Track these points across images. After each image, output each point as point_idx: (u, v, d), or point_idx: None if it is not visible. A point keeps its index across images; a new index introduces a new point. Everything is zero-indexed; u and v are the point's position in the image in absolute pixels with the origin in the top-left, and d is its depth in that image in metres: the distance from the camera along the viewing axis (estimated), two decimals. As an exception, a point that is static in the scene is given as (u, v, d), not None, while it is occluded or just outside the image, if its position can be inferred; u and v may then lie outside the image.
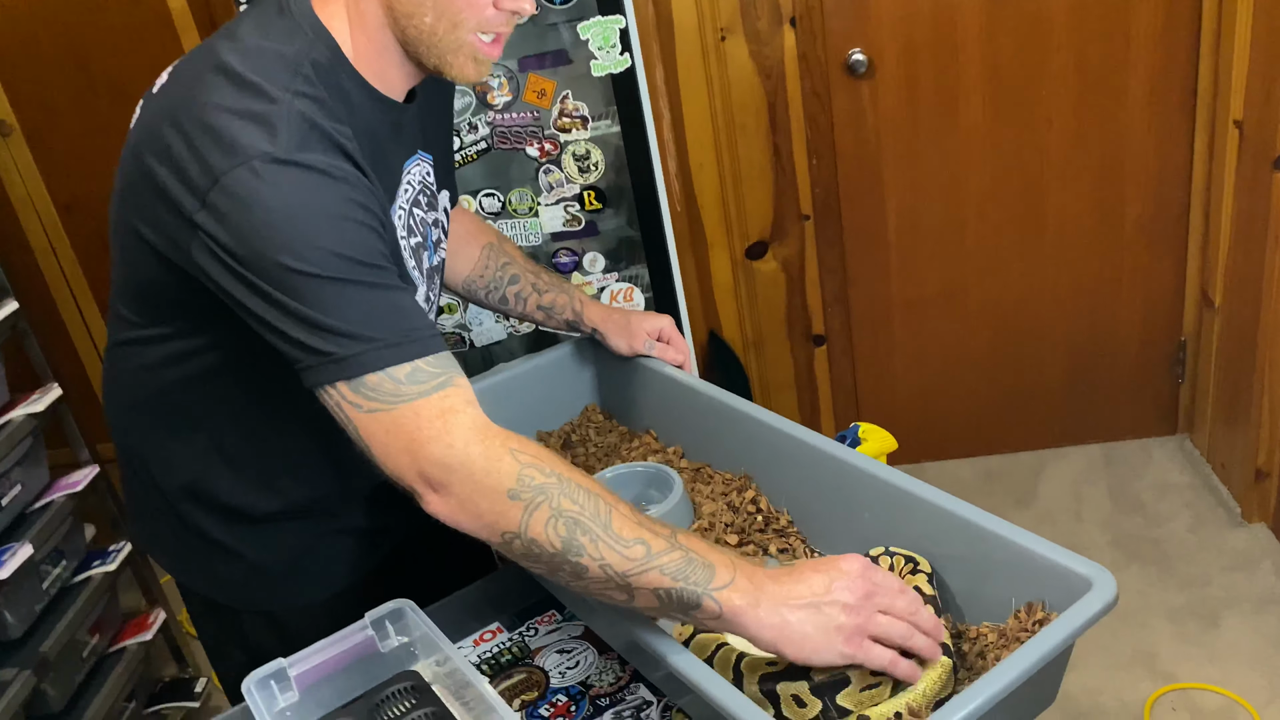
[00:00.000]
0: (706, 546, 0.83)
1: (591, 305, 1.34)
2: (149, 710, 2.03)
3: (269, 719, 0.99)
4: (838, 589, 0.81)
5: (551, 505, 0.81)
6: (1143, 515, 2.35)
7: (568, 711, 1.04)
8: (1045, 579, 0.88)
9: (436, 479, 0.83)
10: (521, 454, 0.83)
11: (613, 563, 0.81)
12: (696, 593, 0.81)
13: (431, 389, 0.85)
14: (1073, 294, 2.45)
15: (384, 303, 0.86)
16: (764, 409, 1.16)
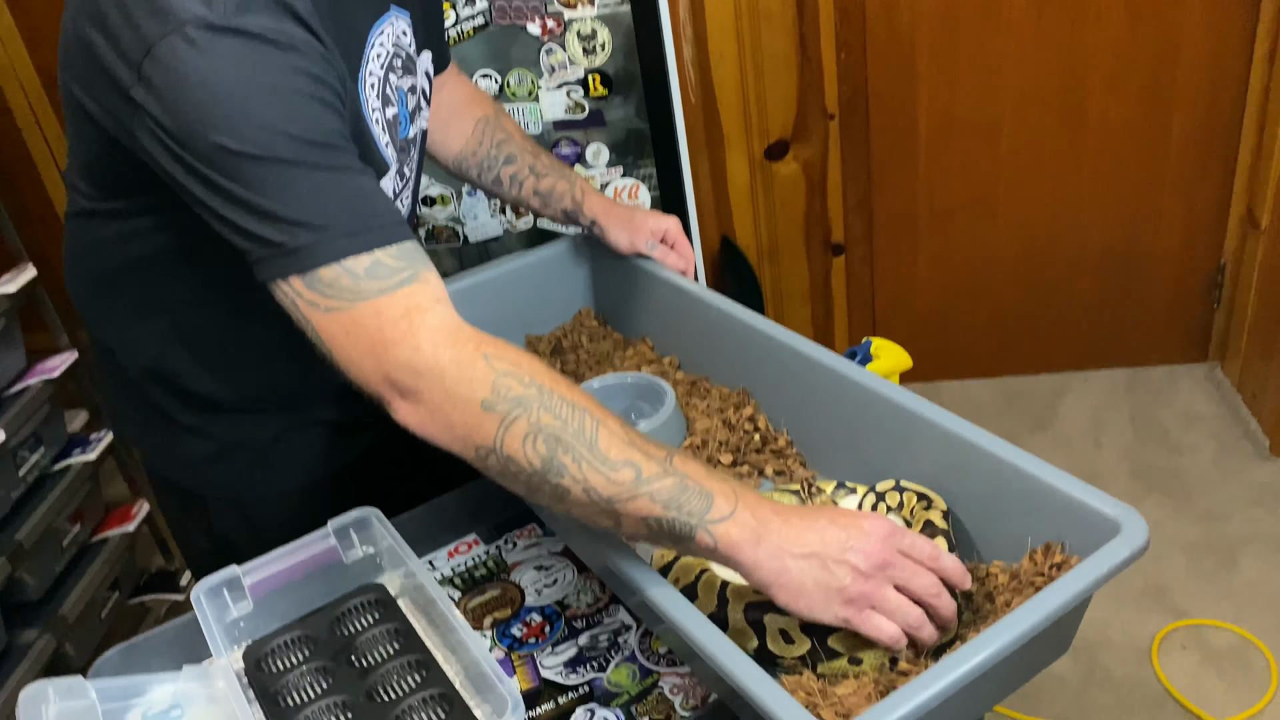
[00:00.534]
0: (706, 472, 0.75)
1: (594, 195, 1.23)
2: (133, 601, 2.01)
3: (217, 629, 0.92)
4: (853, 550, 0.73)
5: (530, 419, 0.73)
6: (1165, 444, 2.26)
7: (541, 632, 0.97)
8: (1067, 518, 0.79)
9: (404, 384, 0.75)
10: (497, 360, 0.75)
11: (597, 486, 0.73)
12: (690, 524, 0.73)
13: (394, 285, 0.76)
14: (1109, 207, 2.32)
15: (338, 187, 0.77)
16: (766, 319, 1.07)
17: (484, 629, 0.99)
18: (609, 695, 0.90)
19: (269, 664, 0.94)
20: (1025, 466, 0.82)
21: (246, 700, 0.91)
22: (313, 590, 1.00)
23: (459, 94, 1.22)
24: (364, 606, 0.99)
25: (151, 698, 0.95)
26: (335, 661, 0.93)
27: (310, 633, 0.96)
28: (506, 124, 1.24)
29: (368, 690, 0.89)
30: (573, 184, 1.22)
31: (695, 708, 0.87)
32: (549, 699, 0.90)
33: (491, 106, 1.24)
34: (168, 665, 0.98)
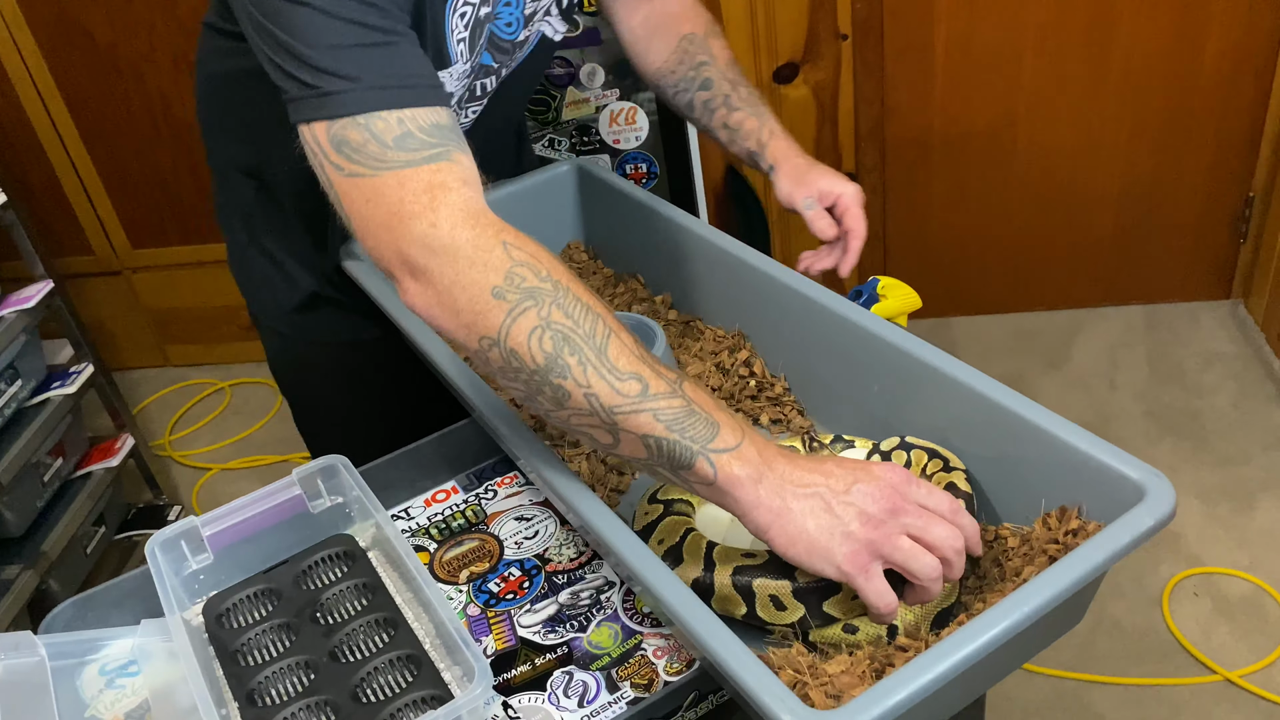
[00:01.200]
0: (715, 403, 0.71)
1: (781, 140, 1.11)
2: (120, 536, 1.97)
3: (175, 584, 0.87)
4: (860, 491, 0.67)
5: (540, 313, 0.69)
6: (1182, 385, 2.18)
7: (520, 588, 0.92)
8: (1085, 480, 0.73)
9: (416, 262, 0.72)
10: (516, 249, 0.71)
11: (600, 394, 0.69)
12: (692, 450, 0.68)
13: (422, 159, 0.72)
14: (1134, 137, 2.21)
15: (375, 44, 0.74)
16: (763, 256, 0.99)
17: (460, 583, 0.93)
18: (589, 657, 0.84)
19: (230, 619, 0.89)
20: (1041, 422, 0.75)
21: (207, 657, 0.86)
22: (278, 541, 0.95)
23: (668, 6, 1.16)
24: (331, 559, 0.93)
25: (107, 654, 0.90)
26: (299, 618, 0.88)
27: (274, 586, 0.91)
28: (714, 45, 1.14)
29: (331, 649, 0.84)
30: (763, 123, 1.11)
31: (680, 672, 0.82)
32: (525, 660, 0.85)
33: (703, 24, 1.15)
34: (126, 619, 0.93)
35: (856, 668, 0.65)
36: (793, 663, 0.65)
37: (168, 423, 2.53)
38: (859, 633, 0.72)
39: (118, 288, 2.63)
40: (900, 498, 0.67)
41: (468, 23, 0.91)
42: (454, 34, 0.91)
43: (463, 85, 0.97)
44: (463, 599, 0.92)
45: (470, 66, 0.95)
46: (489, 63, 1.01)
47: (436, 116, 0.75)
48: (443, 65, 0.92)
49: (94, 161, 2.45)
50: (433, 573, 0.94)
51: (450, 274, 0.71)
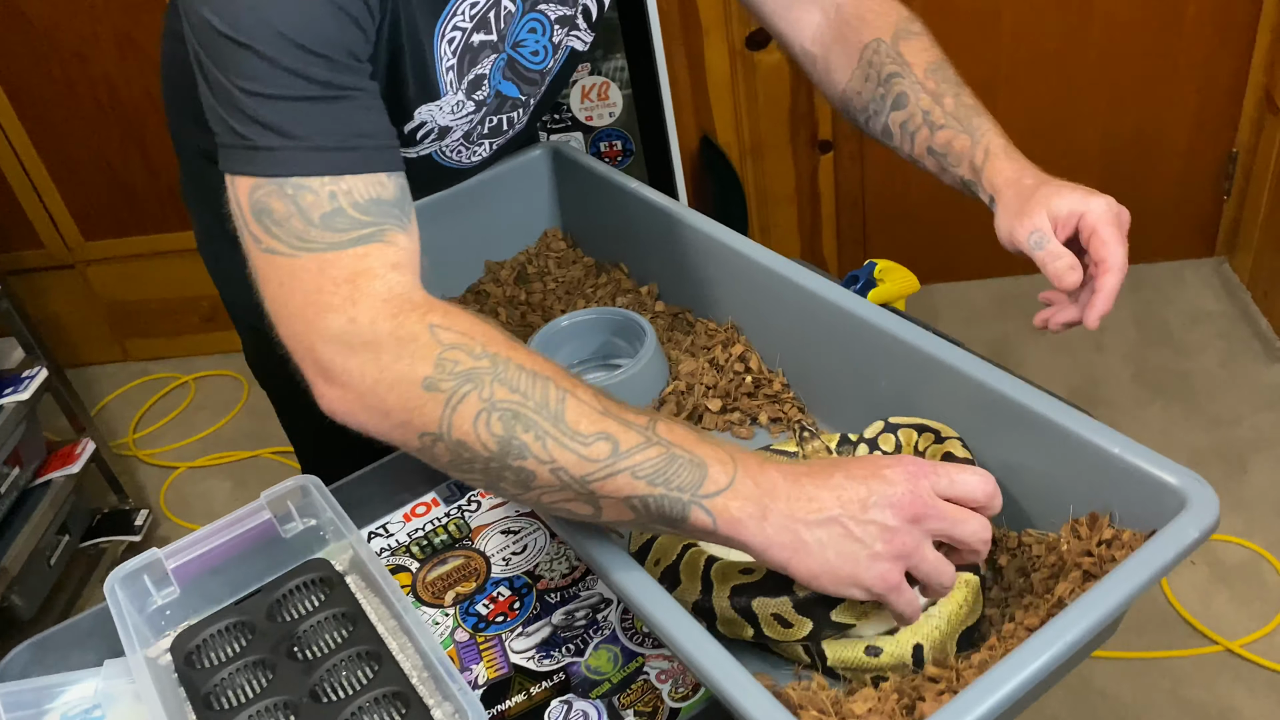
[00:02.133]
0: (696, 437, 0.64)
1: (1000, 160, 0.87)
2: (86, 543, 1.90)
3: (135, 621, 0.81)
4: (877, 505, 0.61)
5: (482, 395, 0.62)
6: (1170, 346, 2.15)
7: (510, 609, 0.86)
8: (1116, 484, 0.68)
9: (334, 365, 0.65)
10: (445, 331, 0.64)
11: (568, 465, 0.62)
12: (682, 500, 0.62)
13: (349, 241, 0.65)
14: (1115, 93, 2.16)
15: (317, 99, 0.67)
16: (757, 245, 0.93)
17: (446, 605, 0.88)
18: (588, 684, 0.79)
19: (200, 658, 0.83)
20: (1068, 424, 0.70)
21: (178, 700, 0.80)
22: (249, 568, 0.89)
23: (844, 11, 0.95)
24: (307, 587, 0.87)
25: (68, 699, 0.84)
26: (275, 654, 0.82)
27: (247, 619, 0.85)
28: (908, 49, 0.91)
29: (312, 688, 0.78)
30: (976, 141, 0.87)
31: (685, 697, 0.76)
32: (520, 689, 0.80)
33: (890, 23, 0.93)
34: (89, 659, 0.87)
35: (885, 704, 0.60)
36: (815, 701, 0.60)
37: (130, 420, 2.44)
38: (883, 654, 0.67)
39: (71, 282, 2.52)
40: (921, 503, 0.61)
41: (456, 49, 0.84)
42: (442, 62, 0.83)
43: (464, 120, 0.89)
44: (450, 623, 0.86)
45: (467, 98, 0.87)
46: (514, 94, 0.93)
47: (377, 188, 0.68)
48: (430, 98, 0.85)
49: (38, 151, 2.34)
50: (416, 595, 0.89)
51: (373, 373, 0.64)
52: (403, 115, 0.86)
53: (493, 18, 0.84)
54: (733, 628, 0.72)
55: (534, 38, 0.90)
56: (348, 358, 0.64)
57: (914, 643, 0.67)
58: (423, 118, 0.87)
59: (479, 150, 0.97)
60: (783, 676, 0.71)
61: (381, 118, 0.71)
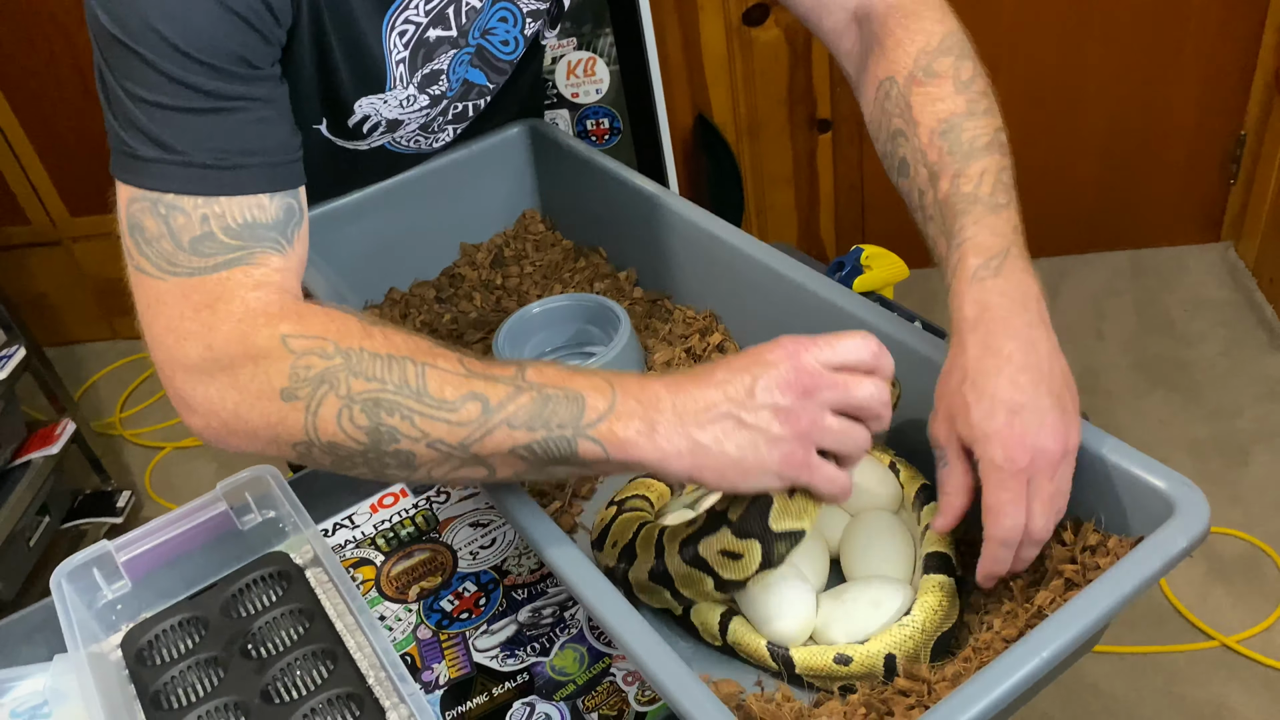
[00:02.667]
0: (567, 373, 0.63)
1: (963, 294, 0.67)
2: (67, 525, 1.87)
3: (81, 617, 0.78)
4: (764, 389, 0.60)
5: (339, 393, 0.61)
6: (1171, 334, 2.11)
7: (475, 605, 0.83)
8: (1103, 488, 0.65)
9: (194, 397, 0.64)
10: (297, 339, 0.63)
11: (442, 436, 0.61)
12: (566, 437, 0.60)
13: (214, 266, 0.64)
14: (1120, 73, 2.11)
15: (201, 111, 0.64)
16: (735, 229, 0.89)
17: (410, 601, 0.85)
18: (552, 685, 0.76)
19: (151, 654, 0.80)
20: (1051, 420, 0.66)
21: (127, 698, 0.77)
22: (205, 562, 0.86)
23: (873, 24, 0.81)
24: (264, 581, 0.84)
25: (17, 694, 0.81)
26: (228, 651, 0.79)
27: (200, 614, 0.82)
28: (919, 98, 0.75)
29: (264, 688, 0.75)
30: (951, 250, 0.70)
31: (652, 700, 0.74)
32: (482, 690, 0.77)
33: (912, 54, 0.77)
34: (40, 653, 0.84)
35: (852, 718, 0.56)
36: (777, 715, 0.57)
37: (117, 400, 2.42)
38: (853, 663, 0.64)
39: (58, 258, 2.49)
40: (808, 376, 0.60)
41: (409, 42, 0.80)
42: (392, 54, 0.80)
43: (417, 113, 0.86)
44: (413, 620, 0.83)
45: (420, 92, 0.84)
46: (482, 82, 0.90)
47: (255, 211, 0.65)
48: (372, 89, 0.82)
49: (22, 125, 2.30)
50: (380, 589, 0.86)
51: (233, 397, 0.63)
52: (341, 109, 0.83)
53: (451, 13, 0.80)
54: (694, 586, 0.68)
55: (505, 27, 0.86)
56: (207, 385, 0.63)
57: (885, 652, 0.64)
58: (365, 110, 0.84)
59: (441, 137, 0.94)
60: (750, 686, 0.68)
61: (277, 129, 0.68)
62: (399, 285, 1.09)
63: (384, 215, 1.05)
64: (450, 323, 1.04)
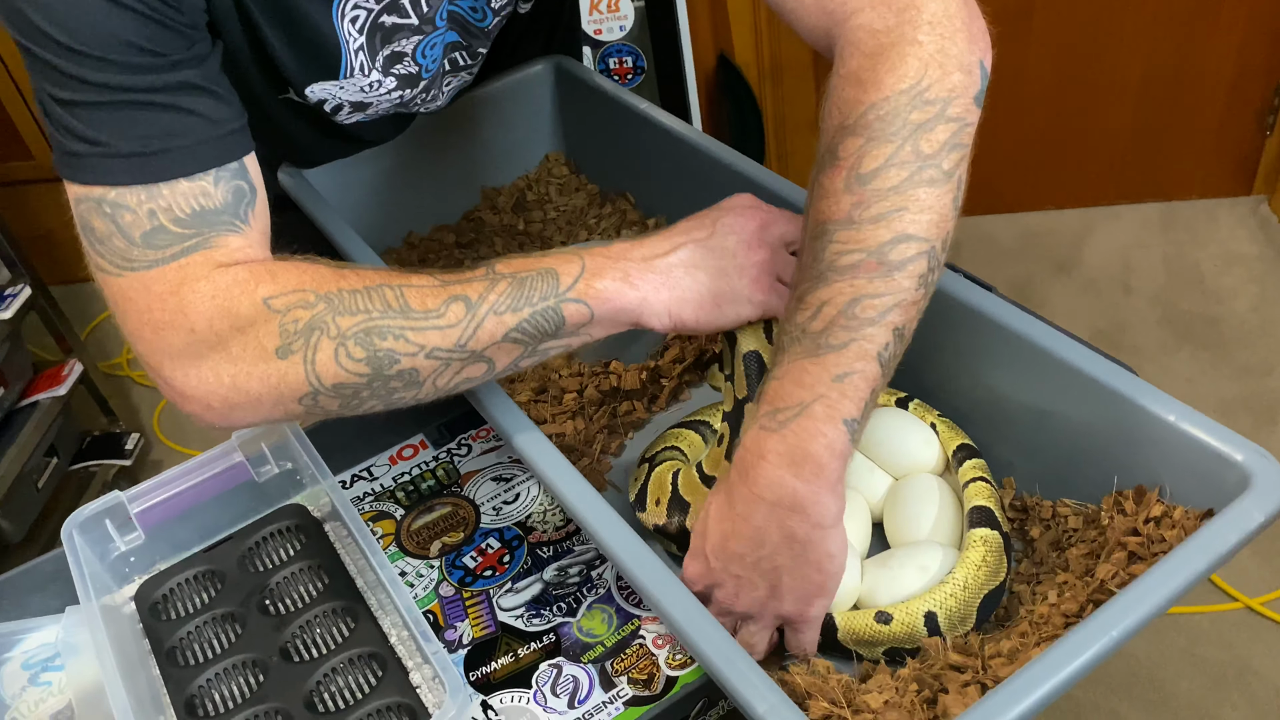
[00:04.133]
0: (533, 258, 0.66)
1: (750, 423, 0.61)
2: (75, 467, 1.85)
3: (93, 570, 0.75)
4: (725, 225, 0.67)
5: (330, 335, 0.63)
6: (1200, 290, 2.07)
7: (499, 563, 0.81)
8: (1169, 455, 0.61)
9: (186, 382, 0.63)
10: (277, 298, 0.63)
11: (437, 343, 0.63)
12: (549, 307, 0.64)
13: (171, 256, 0.62)
14: (1157, 21, 2.03)
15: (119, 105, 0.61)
16: (776, 176, 0.85)
17: (431, 556, 0.82)
18: (580, 647, 0.74)
19: (166, 608, 0.78)
20: (1112, 384, 0.63)
21: (141, 653, 0.75)
22: (221, 513, 0.83)
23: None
24: (281, 535, 0.82)
25: (27, 646, 0.79)
26: (245, 607, 0.76)
27: (216, 568, 0.80)
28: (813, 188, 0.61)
29: (283, 646, 0.73)
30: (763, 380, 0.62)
31: (684, 664, 0.71)
32: (507, 650, 0.74)
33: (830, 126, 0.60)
34: (51, 605, 0.82)
35: (904, 697, 0.54)
36: (825, 690, 0.54)
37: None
38: (893, 622, 0.61)
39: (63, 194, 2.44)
40: (763, 211, 0.68)
41: (362, 27, 0.77)
42: (349, 43, 0.77)
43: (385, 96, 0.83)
44: (435, 576, 0.80)
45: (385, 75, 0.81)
46: (458, 40, 0.86)
47: (201, 198, 0.63)
48: (323, 76, 0.79)
49: (25, 57, 2.24)
50: (400, 544, 0.83)
51: (228, 371, 0.63)
52: (295, 91, 0.80)
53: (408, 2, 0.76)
54: None
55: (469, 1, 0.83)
56: (199, 368, 0.62)
57: (925, 610, 0.61)
58: (320, 95, 0.80)
59: (438, 99, 0.90)
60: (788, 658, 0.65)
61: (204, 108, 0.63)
62: (418, 229, 1.05)
63: (400, 156, 1.01)
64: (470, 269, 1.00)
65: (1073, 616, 0.56)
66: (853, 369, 0.56)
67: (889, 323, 0.57)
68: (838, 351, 0.56)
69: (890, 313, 0.57)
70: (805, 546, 0.59)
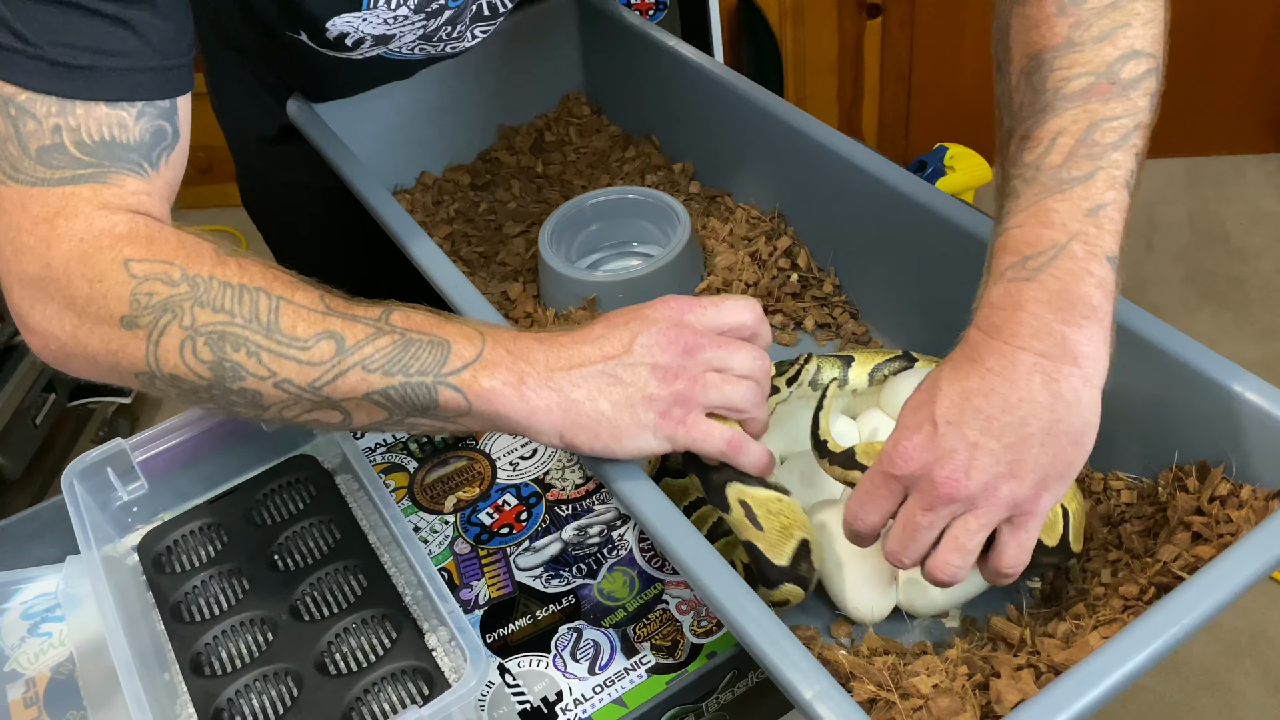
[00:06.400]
0: (437, 320, 0.59)
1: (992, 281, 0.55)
2: (74, 403, 1.82)
3: (94, 520, 0.72)
4: (644, 346, 0.57)
5: (183, 324, 0.57)
6: (1225, 248, 2.02)
7: (516, 520, 0.78)
8: (1233, 429, 0.58)
9: (30, 314, 0.58)
10: (141, 263, 0.57)
11: (290, 375, 0.56)
12: (425, 384, 0.57)
13: (59, 180, 0.57)
14: (1196, -32, 1.96)
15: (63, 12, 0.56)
16: (814, 120, 0.80)
17: (446, 512, 0.79)
18: (601, 610, 0.71)
19: (170, 561, 0.75)
20: (1175, 351, 0.60)
21: (145, 607, 0.72)
22: (227, 463, 0.80)
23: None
24: (290, 487, 0.79)
25: (25, 596, 0.76)
26: (253, 562, 0.74)
27: (222, 520, 0.77)
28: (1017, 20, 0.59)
29: (293, 604, 0.70)
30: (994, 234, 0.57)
31: (709, 631, 0.68)
32: (525, 612, 0.72)
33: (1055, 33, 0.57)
34: (51, 554, 0.79)
35: (953, 681, 0.51)
36: (870, 673, 0.51)
37: (124, 274, 2.34)
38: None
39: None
40: (690, 333, 0.58)
41: None
42: None
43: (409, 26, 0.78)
44: (449, 532, 0.77)
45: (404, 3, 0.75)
46: None
47: (115, 129, 0.58)
48: (348, 8, 0.74)
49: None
50: (413, 498, 0.80)
51: (70, 320, 0.57)
52: (311, 26, 0.75)
53: None
54: None
55: None
56: (45, 305, 0.57)
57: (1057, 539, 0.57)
58: (341, 28, 0.75)
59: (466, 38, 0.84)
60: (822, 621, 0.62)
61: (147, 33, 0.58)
62: (431, 169, 1.01)
63: (414, 92, 0.96)
64: (487, 212, 0.96)
65: (1133, 600, 0.53)
66: (1104, 200, 0.52)
67: (1132, 146, 0.53)
68: (1084, 183, 0.52)
69: (1131, 135, 0.53)
70: (1070, 409, 0.49)
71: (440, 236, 0.92)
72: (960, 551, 0.52)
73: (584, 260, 0.90)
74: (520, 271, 0.89)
